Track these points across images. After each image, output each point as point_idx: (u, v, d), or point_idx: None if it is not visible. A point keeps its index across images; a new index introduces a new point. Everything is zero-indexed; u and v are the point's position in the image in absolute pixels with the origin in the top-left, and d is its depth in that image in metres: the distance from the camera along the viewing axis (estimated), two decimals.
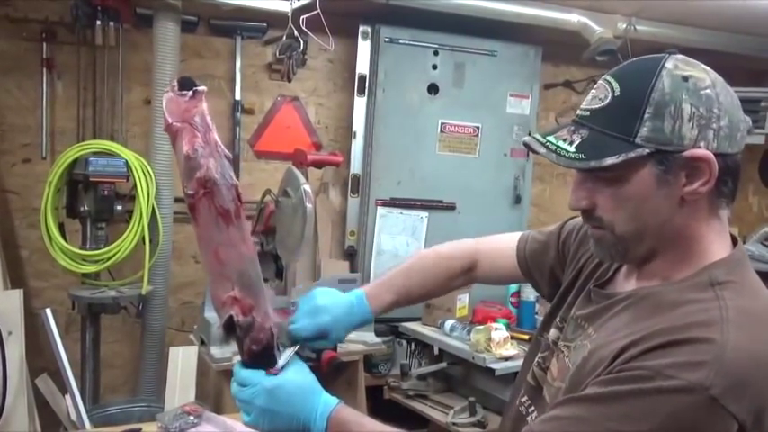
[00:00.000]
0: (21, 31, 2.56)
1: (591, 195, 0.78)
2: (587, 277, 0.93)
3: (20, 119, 2.63)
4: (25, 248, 2.68)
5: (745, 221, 3.91)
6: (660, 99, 0.71)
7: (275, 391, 0.85)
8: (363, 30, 2.94)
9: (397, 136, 2.99)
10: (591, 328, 0.83)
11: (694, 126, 0.71)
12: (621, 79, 0.74)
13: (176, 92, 0.80)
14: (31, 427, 2.23)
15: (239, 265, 0.80)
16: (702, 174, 0.72)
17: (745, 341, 0.67)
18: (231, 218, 0.78)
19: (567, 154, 0.74)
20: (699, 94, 0.72)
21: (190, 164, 0.77)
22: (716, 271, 0.74)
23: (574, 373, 0.79)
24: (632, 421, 0.66)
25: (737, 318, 0.69)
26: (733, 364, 0.65)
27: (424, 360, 2.81)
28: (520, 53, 3.09)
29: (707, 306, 0.71)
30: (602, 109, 0.74)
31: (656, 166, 0.72)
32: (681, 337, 0.68)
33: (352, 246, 3.10)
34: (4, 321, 2.20)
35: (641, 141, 0.71)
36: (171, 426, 1.36)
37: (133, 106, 2.76)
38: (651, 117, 0.71)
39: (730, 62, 3.42)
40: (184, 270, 2.90)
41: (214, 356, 2.06)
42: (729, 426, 0.65)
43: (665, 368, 0.66)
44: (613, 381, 0.69)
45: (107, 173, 2.29)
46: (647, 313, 0.74)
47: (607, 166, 0.72)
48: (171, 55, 2.46)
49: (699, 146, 0.71)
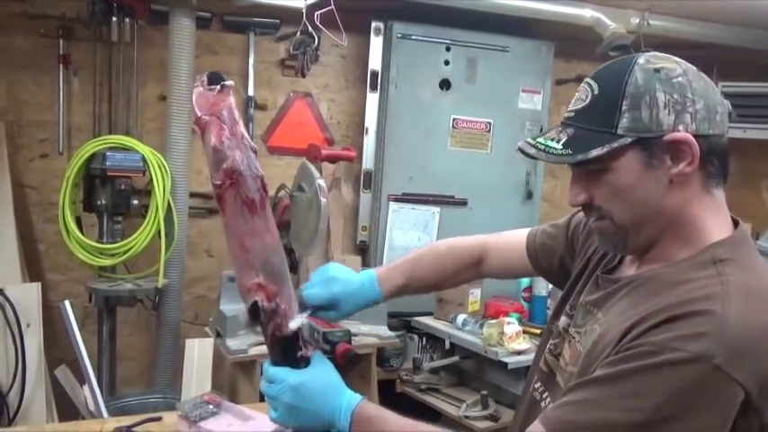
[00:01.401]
0: (38, 28, 2.60)
1: (587, 190, 0.83)
2: (595, 265, 0.96)
3: (37, 115, 2.67)
4: (42, 242, 2.72)
5: (758, 218, 3.88)
6: (635, 91, 0.77)
7: (300, 388, 0.87)
8: (376, 26, 2.95)
9: (410, 131, 3.00)
10: (599, 312, 0.86)
11: (671, 112, 0.76)
12: (599, 79, 0.81)
13: (205, 86, 0.82)
14: (49, 417, 2.27)
15: (263, 254, 0.82)
16: (685, 155, 0.77)
17: (747, 312, 0.70)
18: (256, 208, 0.80)
19: (554, 151, 0.79)
20: (671, 83, 0.77)
21: (217, 155, 0.79)
22: (717, 250, 0.78)
23: (585, 357, 0.82)
24: (642, 397, 0.68)
25: (738, 291, 0.72)
26: (735, 335, 0.68)
27: (435, 354, 2.82)
28: (532, 49, 3.09)
29: (708, 282, 0.74)
30: (584, 108, 0.80)
31: (640, 153, 0.77)
32: (682, 311, 0.71)
33: (364, 241, 3.11)
34: (23, 314, 2.24)
35: (623, 132, 0.76)
36: (191, 414, 1.38)
37: (148, 102, 2.79)
38: (629, 108, 0.76)
39: (743, 57, 3.41)
40: (198, 264, 2.93)
41: (230, 348, 2.09)
42: (736, 393, 0.67)
43: (669, 342, 0.69)
44: (620, 360, 0.72)
45: (124, 167, 2.32)
46: (650, 294, 0.77)
47: (593, 158, 0.77)
48: (186, 51, 2.49)
49: (678, 129, 0.76)
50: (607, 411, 0.71)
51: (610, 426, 0.70)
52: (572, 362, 0.88)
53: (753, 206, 3.97)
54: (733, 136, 3.44)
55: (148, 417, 1.48)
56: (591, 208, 0.84)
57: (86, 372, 1.83)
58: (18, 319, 2.22)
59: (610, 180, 0.79)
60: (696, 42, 3.16)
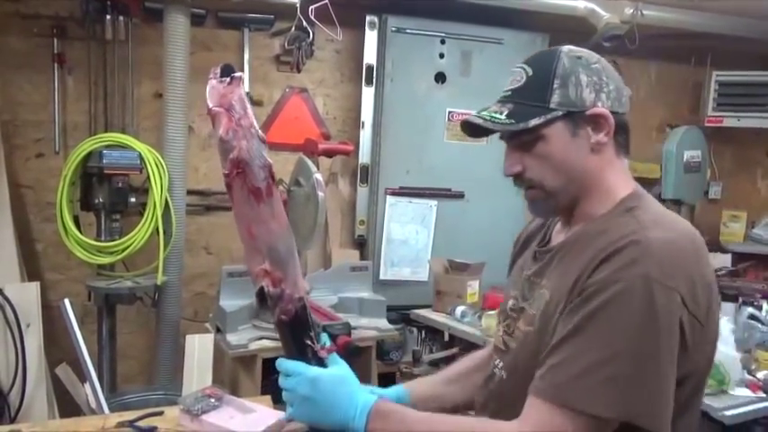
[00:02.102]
0: (31, 28, 2.59)
1: (521, 161, 0.94)
2: (521, 248, 1.12)
3: (32, 114, 2.67)
4: (40, 242, 2.72)
5: (754, 206, 3.90)
6: (563, 72, 0.92)
7: (317, 381, 0.88)
8: (370, 20, 2.95)
9: (405, 125, 3.00)
10: (543, 279, 0.96)
11: (591, 90, 0.92)
12: (532, 64, 0.95)
13: (217, 78, 0.84)
14: (51, 416, 2.28)
15: (269, 240, 0.85)
16: (603, 127, 0.92)
17: (663, 235, 0.84)
18: (262, 196, 0.83)
19: (500, 120, 0.92)
20: (591, 67, 0.93)
21: (224, 146, 0.82)
22: (627, 202, 0.93)
23: (540, 317, 0.92)
24: (611, 332, 0.80)
25: (651, 223, 0.86)
26: (660, 253, 0.82)
27: (434, 346, 2.84)
28: (527, 41, 3.09)
29: (627, 223, 0.88)
30: (520, 87, 0.94)
31: (568, 125, 0.91)
32: (612, 249, 0.83)
33: (362, 235, 3.12)
34: (23, 313, 2.25)
35: (555, 106, 0.91)
36: (193, 408, 1.39)
37: (143, 100, 2.79)
38: (559, 86, 0.91)
39: (738, 46, 3.42)
40: (196, 261, 2.94)
41: (230, 343, 2.09)
42: (675, 298, 0.81)
43: (613, 275, 0.81)
44: (575, 309, 0.83)
45: (121, 165, 2.32)
46: (582, 248, 0.90)
47: (533, 127, 0.90)
48: (181, 48, 2.48)
49: (597, 105, 0.92)
50: (588, 356, 0.79)
51: (592, 368, 0.79)
52: (525, 323, 0.96)
53: (748, 194, 3.99)
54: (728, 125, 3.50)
55: (150, 411, 1.48)
56: (523, 179, 0.95)
57: (87, 369, 1.84)
58: (18, 319, 2.22)
59: (542, 149, 0.92)
60: (690, 32, 3.17)
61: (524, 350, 0.93)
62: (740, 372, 2.07)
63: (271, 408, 1.55)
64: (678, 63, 3.75)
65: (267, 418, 1.43)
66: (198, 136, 2.90)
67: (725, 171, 3.99)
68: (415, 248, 3.05)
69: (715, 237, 3.86)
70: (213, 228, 2.96)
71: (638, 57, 3.48)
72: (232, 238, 2.94)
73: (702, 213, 3.87)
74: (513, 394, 0.89)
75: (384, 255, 3.02)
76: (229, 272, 2.32)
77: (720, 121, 3.59)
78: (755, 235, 3.66)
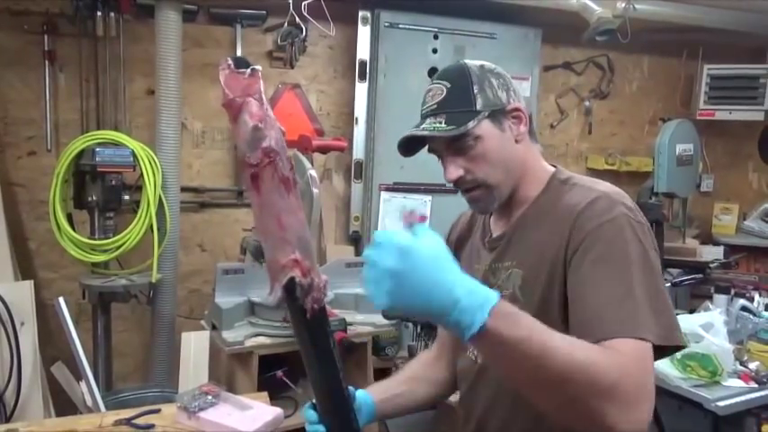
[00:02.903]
0: (22, 24, 2.57)
1: (461, 165, 1.03)
2: (471, 249, 1.18)
3: (23, 112, 2.65)
4: (33, 240, 2.70)
5: (746, 198, 3.93)
6: (477, 79, 1.03)
7: (410, 252, 0.69)
8: (363, 15, 2.94)
9: (399, 120, 3.00)
10: (507, 262, 1.05)
11: (502, 90, 1.04)
12: (446, 78, 1.05)
13: (233, 69, 0.84)
14: (47, 415, 2.27)
15: (299, 230, 0.84)
16: (521, 119, 1.05)
17: (609, 188, 0.99)
18: (291, 185, 0.83)
19: (443, 129, 1.00)
20: (494, 72, 1.06)
21: (257, 134, 0.81)
22: (558, 176, 1.07)
23: (521, 288, 1.00)
24: (628, 263, 0.89)
25: (594, 183, 1.02)
26: (620, 197, 0.96)
27: (430, 341, 2.84)
28: (519, 35, 3.10)
29: (576, 190, 1.01)
30: (444, 99, 1.03)
31: (494, 122, 1.03)
32: (584, 204, 0.96)
33: (356, 231, 3.12)
34: (17, 312, 2.24)
35: (480, 107, 1.02)
36: (190, 405, 1.39)
37: (136, 97, 2.77)
38: (479, 91, 1.02)
39: (728, 39, 3.44)
40: (191, 259, 2.93)
41: (226, 340, 2.09)
42: (648, 229, 0.95)
43: (598, 219, 0.93)
44: (580, 259, 0.92)
45: (114, 163, 2.31)
46: (541, 219, 1.02)
47: (469, 130, 1.00)
48: (173, 45, 2.47)
49: (510, 102, 1.04)
50: (624, 288, 0.87)
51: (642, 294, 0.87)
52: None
53: (740, 186, 4.02)
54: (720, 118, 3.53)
55: (147, 409, 1.49)
56: (464, 181, 1.04)
57: (83, 367, 1.84)
58: (12, 318, 2.21)
59: (479, 148, 1.01)
60: (681, 26, 3.18)
61: None
62: (733, 363, 2.09)
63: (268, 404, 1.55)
64: (670, 57, 3.77)
65: (264, 415, 1.44)
66: (191, 132, 2.88)
67: (717, 164, 4.01)
68: None
69: (707, 229, 3.89)
70: (207, 225, 2.95)
71: (630, 51, 3.49)
72: (226, 236, 2.93)
73: (695, 206, 3.89)
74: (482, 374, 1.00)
75: None
76: (224, 269, 2.32)
77: (712, 114, 3.61)
78: (747, 227, 3.69)
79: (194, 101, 2.84)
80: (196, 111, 2.87)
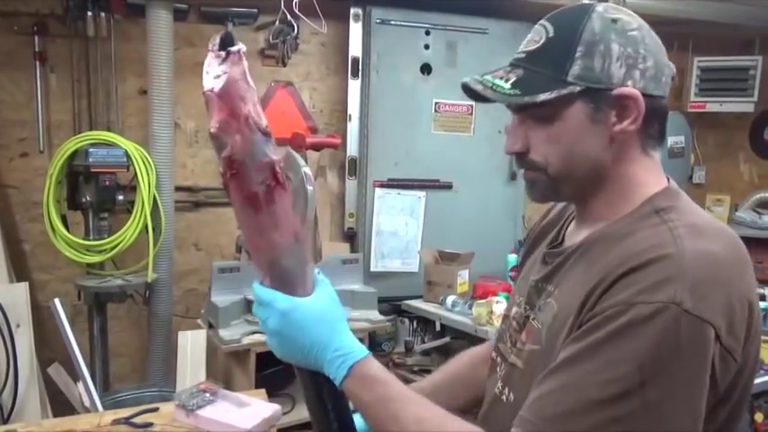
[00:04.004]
0: (12, 25, 2.56)
1: (525, 138, 0.79)
2: (533, 246, 0.95)
3: (15, 113, 2.64)
4: (27, 242, 2.69)
5: (737, 189, 3.96)
6: (591, 38, 0.74)
7: (289, 315, 0.75)
8: (354, 12, 2.94)
9: (392, 117, 3.01)
10: (551, 286, 0.82)
11: (622, 65, 0.74)
12: (555, 21, 0.77)
13: (215, 52, 0.67)
14: (44, 416, 2.27)
15: (270, 255, 0.73)
16: (630, 112, 0.74)
17: (699, 248, 0.68)
18: (260, 203, 0.69)
19: (502, 90, 0.76)
20: (627, 35, 0.74)
21: (215, 142, 0.67)
22: (656, 201, 0.77)
23: (547, 332, 0.77)
24: (617, 365, 0.64)
25: (687, 231, 0.70)
26: (695, 272, 0.65)
27: (426, 336, 2.86)
28: (511, 30, 3.10)
29: (656, 230, 0.71)
30: (536, 50, 0.77)
31: (587, 104, 0.74)
32: (637, 263, 0.67)
33: (351, 227, 3.13)
34: (12, 314, 2.24)
35: (573, 79, 0.74)
36: (188, 403, 1.40)
37: (128, 97, 2.77)
38: (582, 56, 0.73)
39: (719, 31, 3.46)
40: (186, 258, 2.93)
41: (223, 338, 2.10)
42: (707, 333, 0.64)
43: (633, 297, 0.65)
44: (585, 332, 0.68)
45: (108, 163, 2.31)
46: (600, 254, 0.74)
47: (540, 102, 0.73)
48: (164, 44, 2.47)
49: (626, 84, 0.74)
50: (584, 391, 0.65)
51: (592, 405, 0.64)
52: (530, 340, 0.82)
53: (731, 178, 4.05)
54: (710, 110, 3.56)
55: (145, 408, 1.49)
56: (525, 159, 0.80)
57: (80, 368, 1.84)
58: (7, 320, 2.21)
59: (551, 129, 0.76)
60: (671, 18, 3.19)
61: (535, 371, 0.76)
62: None
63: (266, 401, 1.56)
64: None
65: (262, 412, 1.45)
66: (184, 132, 2.88)
67: (708, 156, 4.04)
68: (404, 240, 3.07)
69: None
70: (202, 224, 2.95)
71: None
72: (221, 234, 2.93)
73: None
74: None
75: (374, 247, 3.03)
76: (220, 267, 2.32)
77: (703, 106, 3.63)
78: (739, 218, 3.71)
79: (187, 100, 2.83)
80: (189, 110, 2.87)
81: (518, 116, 0.80)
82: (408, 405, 0.75)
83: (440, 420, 0.73)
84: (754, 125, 3.90)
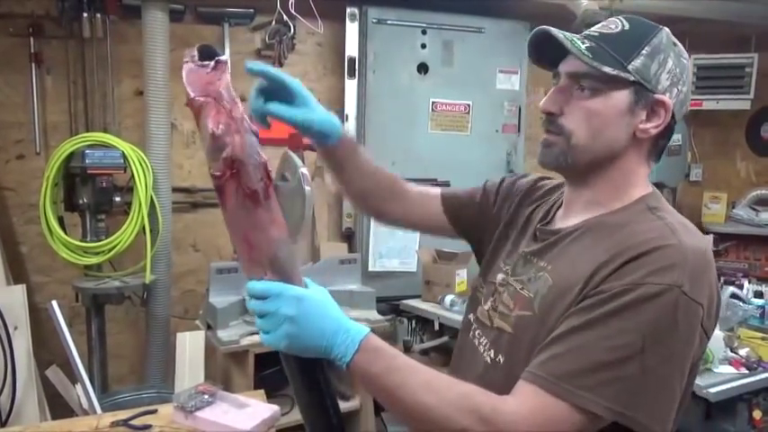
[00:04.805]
0: (7, 27, 2.55)
1: (565, 102, 0.87)
2: (525, 223, 1.02)
3: (11, 115, 2.63)
4: (25, 244, 2.69)
5: (734, 187, 3.97)
6: (657, 45, 0.86)
7: (303, 301, 0.78)
8: (351, 11, 2.94)
9: (389, 116, 3.01)
10: (542, 261, 0.91)
11: (669, 79, 0.86)
12: (631, 21, 0.88)
13: (196, 62, 0.73)
14: (42, 418, 2.27)
15: (269, 250, 0.75)
16: (658, 117, 0.86)
17: (694, 243, 0.80)
18: (259, 199, 0.73)
19: (578, 48, 0.84)
20: (680, 59, 0.88)
21: (215, 143, 0.71)
22: (647, 200, 0.88)
23: (542, 301, 0.86)
24: (625, 333, 0.74)
25: (679, 228, 0.82)
26: (693, 262, 0.77)
27: (425, 336, 2.86)
28: (507, 29, 3.11)
29: (654, 225, 0.83)
30: (610, 34, 0.86)
31: (632, 95, 0.85)
32: (645, 249, 0.78)
33: (349, 227, 3.13)
34: (10, 317, 2.23)
35: (632, 70, 0.84)
36: (187, 405, 1.40)
37: (124, 98, 2.76)
38: (647, 55, 0.85)
39: (715, 29, 3.46)
40: (184, 259, 2.93)
41: (221, 339, 2.10)
42: (698, 312, 0.77)
43: (642, 278, 0.76)
44: (596, 304, 0.77)
45: (104, 165, 2.30)
46: (600, 238, 0.84)
47: (602, 74, 0.83)
48: (160, 45, 2.46)
49: (666, 94, 0.86)
50: (592, 354, 0.75)
51: (599, 366, 0.74)
52: (519, 306, 0.89)
53: (727, 175, 4.06)
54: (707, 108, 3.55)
55: (144, 410, 1.49)
56: (554, 121, 0.88)
57: (78, 370, 1.83)
58: (5, 323, 2.21)
59: (591, 102, 0.85)
60: (667, 16, 3.20)
61: (524, 336, 0.86)
62: (723, 350, 2.12)
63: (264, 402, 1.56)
64: None
65: (261, 412, 1.45)
66: (181, 133, 2.88)
67: (705, 153, 4.05)
68: (402, 239, 3.07)
69: (697, 218, 3.93)
70: (200, 225, 2.95)
71: None
72: (219, 235, 2.93)
73: (684, 195, 3.93)
74: (514, 378, 0.81)
75: (372, 247, 3.03)
76: (218, 268, 2.32)
77: (699, 104, 3.64)
78: (736, 215, 3.73)
79: (183, 101, 2.79)
80: (185, 111, 2.83)
81: (567, 81, 0.88)
82: (416, 373, 0.79)
83: (446, 384, 0.78)
84: (751, 122, 3.92)
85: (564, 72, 0.88)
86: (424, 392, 0.77)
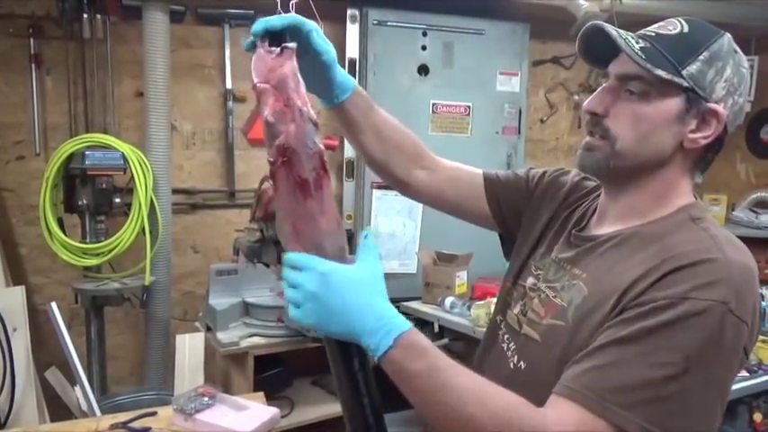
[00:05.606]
0: (7, 28, 2.55)
1: (612, 104, 0.83)
2: (561, 226, 0.98)
3: (11, 116, 2.62)
4: (24, 246, 2.68)
5: (734, 188, 3.97)
6: (717, 51, 0.82)
7: (329, 277, 0.72)
8: (351, 13, 2.94)
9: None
10: (576, 268, 0.87)
11: (725, 88, 0.82)
12: (691, 23, 0.84)
13: (266, 48, 0.74)
14: (41, 420, 2.26)
15: (316, 239, 0.74)
16: (709, 128, 0.81)
17: (740, 258, 0.76)
18: (310, 189, 0.72)
19: (632, 47, 0.79)
20: (739, 68, 0.84)
21: (270, 130, 0.72)
22: (690, 211, 0.84)
23: (576, 311, 0.82)
24: (670, 351, 0.70)
25: (724, 241, 0.78)
26: (738, 278, 0.73)
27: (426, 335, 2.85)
28: (508, 31, 3.10)
29: (697, 236, 0.79)
30: (668, 35, 0.82)
31: (683, 102, 0.80)
32: (688, 261, 0.74)
33: (349, 229, 3.12)
34: (9, 318, 2.22)
35: (686, 75, 0.80)
36: (186, 407, 1.39)
37: (124, 99, 2.76)
38: (704, 60, 0.80)
39: None
40: (184, 261, 2.92)
41: (221, 341, 2.09)
42: (743, 331, 0.72)
43: (687, 293, 0.71)
44: (637, 317, 0.73)
45: (104, 166, 2.30)
46: (638, 248, 0.80)
47: (654, 77, 0.78)
48: (161, 46, 2.46)
49: (720, 102, 0.81)
50: (637, 370, 0.71)
51: (639, 383, 0.70)
52: (550, 314, 0.86)
53: (728, 177, 4.05)
54: None
55: (143, 412, 1.48)
56: (598, 123, 0.84)
57: (77, 372, 1.83)
58: (4, 324, 2.20)
59: (640, 107, 0.81)
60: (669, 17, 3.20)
61: (553, 346, 0.82)
62: None
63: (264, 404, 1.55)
64: None
65: (261, 415, 1.44)
66: (181, 134, 2.87)
67: None
68: (402, 241, 3.07)
69: None
70: (200, 226, 2.94)
71: None
72: (219, 237, 2.92)
73: None
74: (535, 387, 0.78)
75: None
76: (218, 270, 2.32)
77: None
78: (736, 217, 3.73)
79: (184, 102, 2.83)
80: (186, 112, 2.86)
81: (615, 83, 0.84)
82: (459, 376, 0.73)
83: (492, 392, 0.74)
84: (751, 125, 3.91)
85: (614, 73, 0.84)
86: (468, 398, 0.72)
